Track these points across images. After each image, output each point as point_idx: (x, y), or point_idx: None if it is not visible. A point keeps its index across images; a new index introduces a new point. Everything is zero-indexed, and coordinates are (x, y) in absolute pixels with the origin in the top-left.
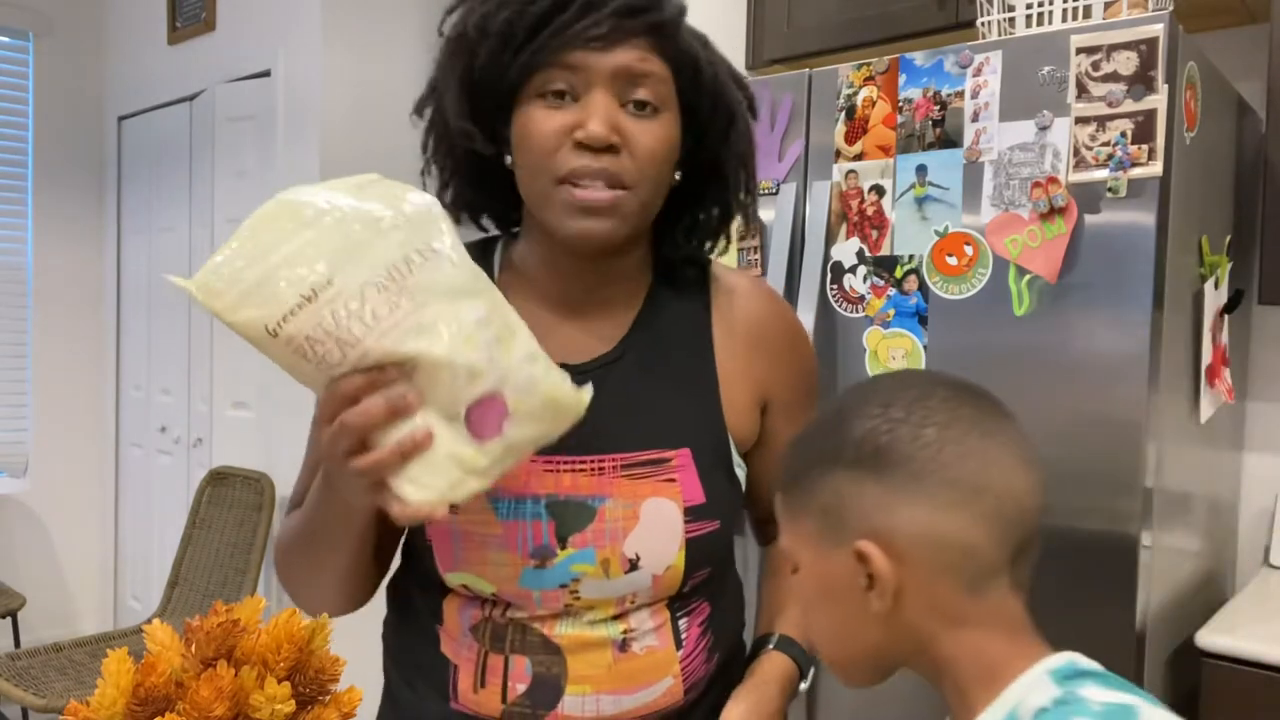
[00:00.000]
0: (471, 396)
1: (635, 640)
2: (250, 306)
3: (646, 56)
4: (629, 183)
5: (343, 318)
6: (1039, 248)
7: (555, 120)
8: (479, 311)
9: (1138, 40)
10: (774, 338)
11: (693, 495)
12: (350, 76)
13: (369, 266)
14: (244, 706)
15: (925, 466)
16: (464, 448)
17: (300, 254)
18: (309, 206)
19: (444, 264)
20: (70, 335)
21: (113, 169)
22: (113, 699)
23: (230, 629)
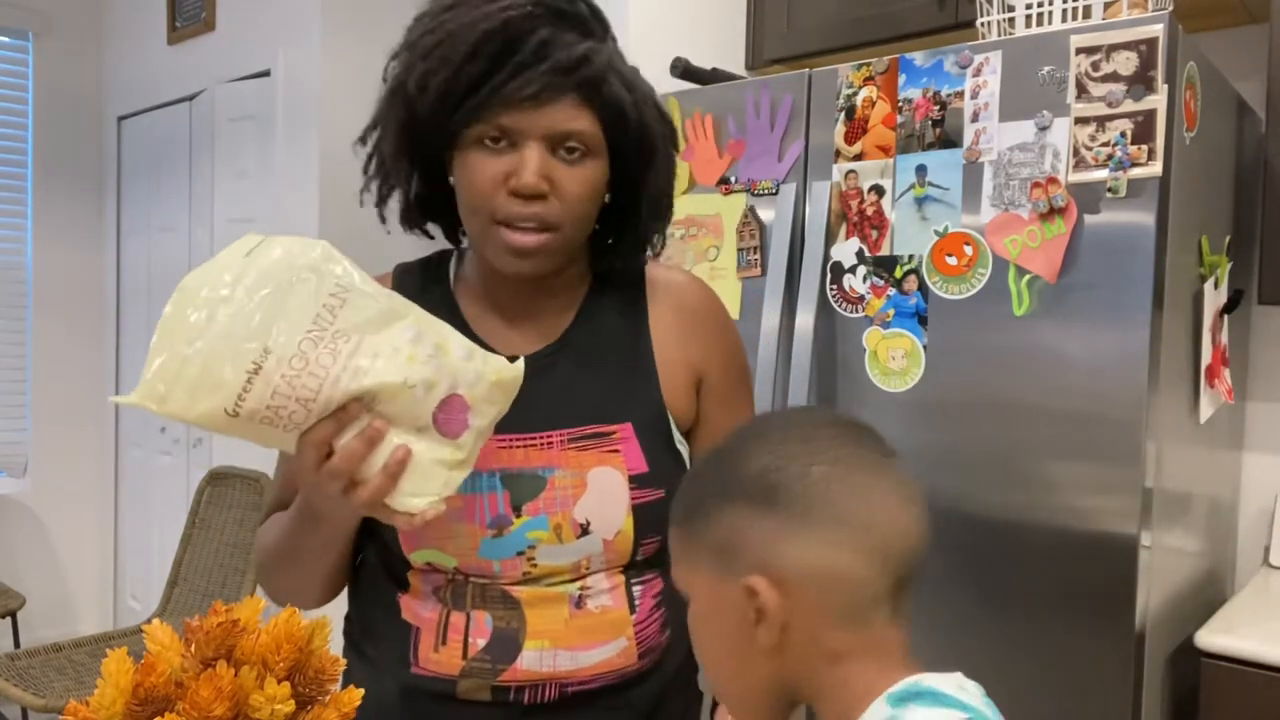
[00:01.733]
0: (433, 404)
1: (590, 598)
2: (203, 398)
3: (576, 113)
4: (556, 225)
5: (293, 378)
6: (1039, 248)
7: (492, 167)
8: (409, 331)
9: (1137, 40)
10: (705, 323)
11: (636, 465)
12: (350, 76)
13: (295, 324)
14: (244, 706)
15: (814, 504)
16: (442, 450)
17: (228, 334)
18: (212, 288)
19: (359, 298)
20: (70, 335)
21: (112, 169)
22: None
23: (230, 629)
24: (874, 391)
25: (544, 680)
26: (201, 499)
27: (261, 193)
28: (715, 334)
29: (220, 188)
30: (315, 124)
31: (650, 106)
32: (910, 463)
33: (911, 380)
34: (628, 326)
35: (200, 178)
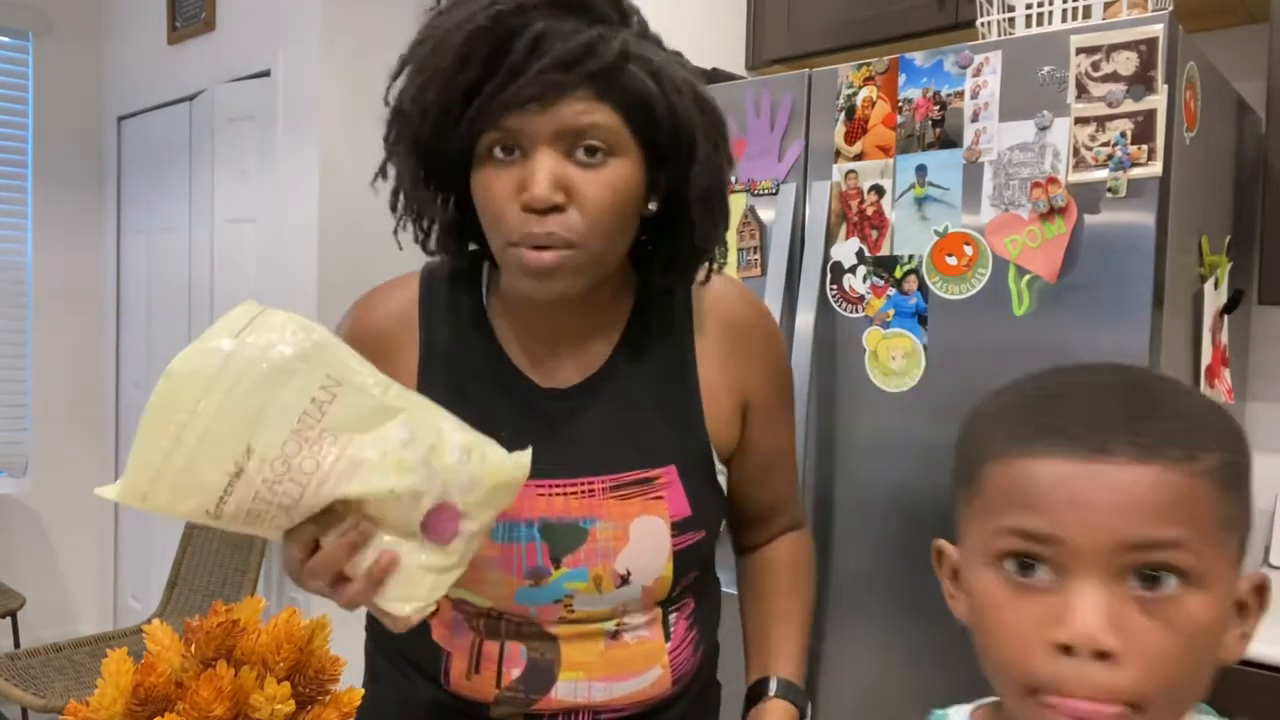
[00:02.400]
0: (421, 512)
1: (627, 631)
2: (184, 498)
3: (589, 108)
4: (576, 240)
5: (274, 484)
6: (1039, 248)
7: (503, 182)
8: (402, 431)
9: (1137, 40)
10: (751, 342)
11: (679, 510)
12: (350, 76)
13: (281, 421)
14: (244, 706)
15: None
16: (430, 556)
17: (211, 430)
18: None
19: (351, 394)
20: (70, 335)
21: (112, 169)
22: (112, 699)
23: (230, 629)
24: (874, 391)
25: (577, 709)
26: None
27: (261, 193)
28: (760, 352)
29: (220, 188)
30: (315, 124)
31: (686, 95)
32: (910, 463)
33: (911, 380)
34: (673, 353)
35: (200, 178)
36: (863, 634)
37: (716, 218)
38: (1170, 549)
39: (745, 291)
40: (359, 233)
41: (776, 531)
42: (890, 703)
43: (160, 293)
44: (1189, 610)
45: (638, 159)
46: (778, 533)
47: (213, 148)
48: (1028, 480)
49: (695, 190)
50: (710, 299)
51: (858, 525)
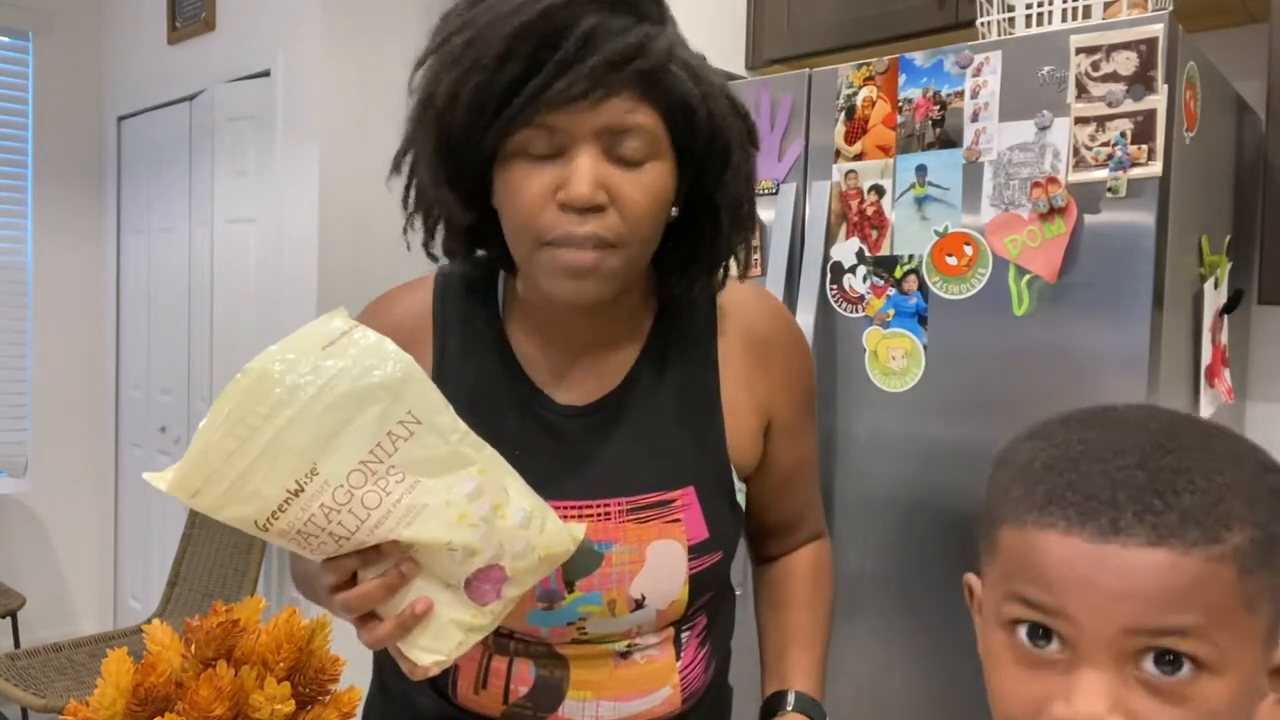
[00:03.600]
0: (470, 570)
1: (637, 651)
2: (235, 505)
3: (634, 107)
4: (616, 242)
5: (332, 511)
6: (1039, 248)
7: (538, 180)
8: (471, 483)
9: (1137, 40)
10: (778, 353)
11: (697, 533)
12: (350, 76)
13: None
14: (244, 706)
15: None
16: (465, 613)
17: (279, 443)
18: (279, 383)
19: (428, 434)
20: (70, 335)
21: (112, 169)
22: (112, 699)
23: (230, 629)
24: (874, 391)
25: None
26: None
27: (261, 193)
28: (785, 366)
29: (220, 188)
30: (315, 124)
31: (723, 99)
32: (910, 463)
33: (911, 380)
34: (696, 369)
35: (200, 178)
36: (862, 633)
37: (746, 223)
38: (1181, 637)
39: (771, 301)
40: (359, 233)
41: (798, 542)
42: (890, 702)
43: (160, 293)
44: (1203, 696)
45: (672, 163)
46: (799, 543)
47: (213, 148)
48: (1039, 553)
49: (728, 196)
50: (735, 310)
51: (857, 525)
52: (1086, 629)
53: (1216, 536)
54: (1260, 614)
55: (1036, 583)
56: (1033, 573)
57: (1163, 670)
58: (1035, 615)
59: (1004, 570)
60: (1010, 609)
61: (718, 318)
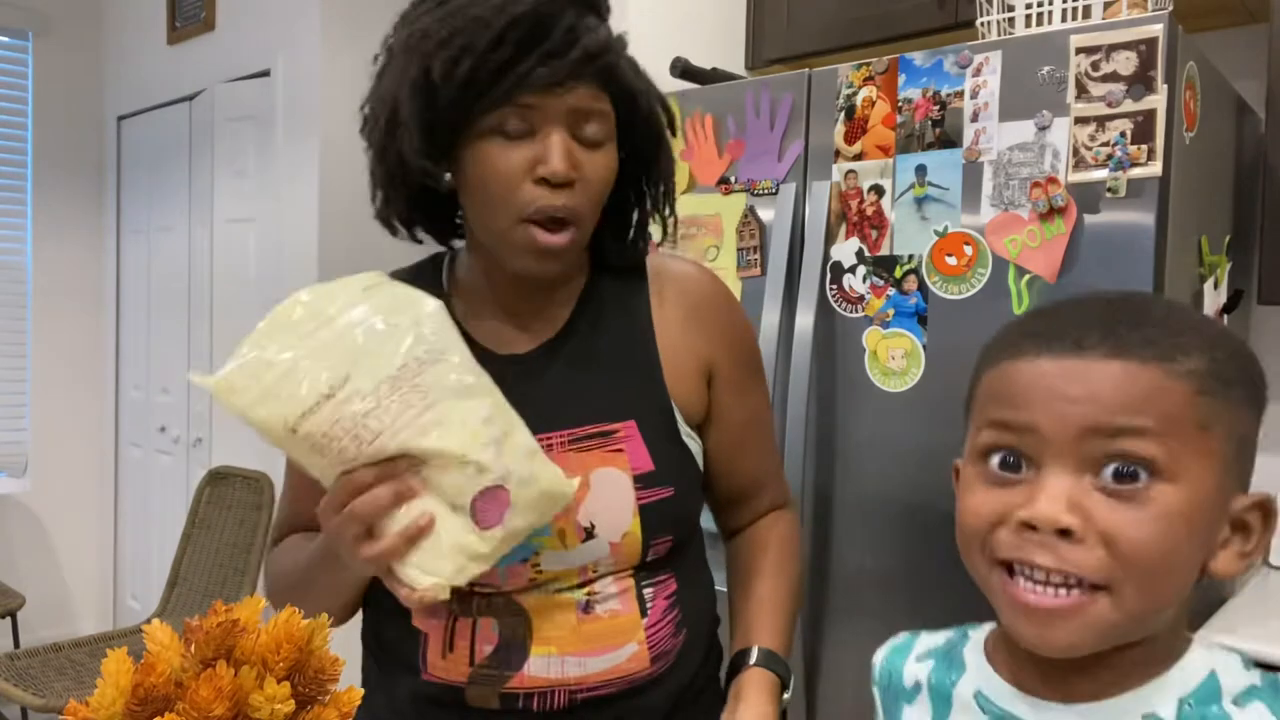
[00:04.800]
0: (477, 488)
1: (599, 603)
2: (270, 403)
3: (597, 95)
4: (579, 217)
5: (359, 415)
6: (1038, 248)
7: (514, 156)
8: (484, 410)
9: (1137, 40)
10: (711, 311)
11: (641, 463)
12: (350, 76)
13: (383, 365)
14: (244, 706)
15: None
16: (468, 536)
17: (318, 353)
18: (323, 310)
19: (450, 366)
20: (70, 335)
21: (112, 169)
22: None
23: (230, 629)
24: (874, 391)
25: (552, 687)
26: (201, 499)
27: (261, 193)
28: (722, 323)
29: (220, 187)
30: (315, 124)
31: (655, 94)
32: (910, 462)
33: (911, 380)
34: (629, 319)
35: (200, 177)
36: (862, 633)
37: (670, 198)
38: (1135, 437)
39: (705, 271)
40: (358, 233)
41: (760, 510)
42: None
43: (160, 293)
44: (1156, 498)
45: (616, 147)
46: (761, 512)
47: (212, 148)
48: (1010, 378)
49: (661, 172)
50: (668, 274)
51: (857, 525)
52: (1049, 435)
53: (1173, 357)
54: (1214, 437)
55: (1006, 402)
56: (1003, 396)
57: (1120, 481)
58: (1006, 437)
59: (980, 408)
60: (983, 437)
61: (649, 280)
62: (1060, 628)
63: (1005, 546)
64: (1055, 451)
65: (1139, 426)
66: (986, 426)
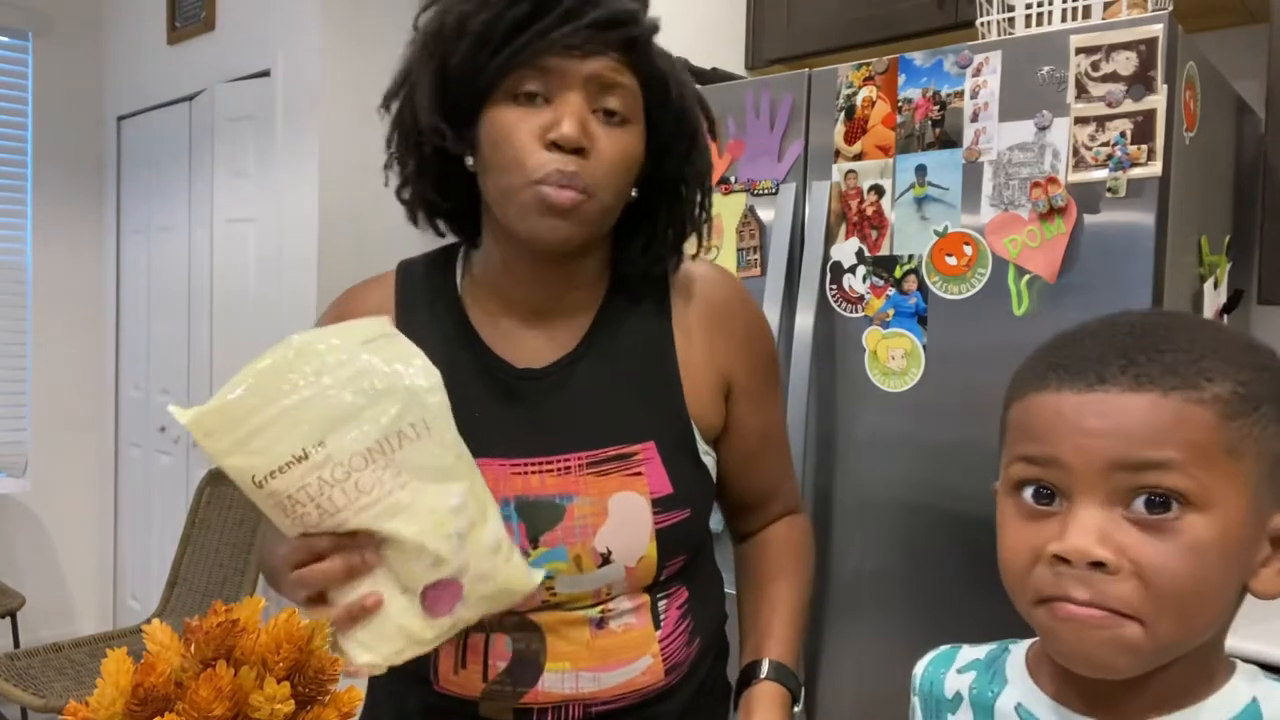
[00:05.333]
0: (431, 579)
1: (613, 618)
2: (242, 454)
3: (619, 68)
4: (591, 188)
5: (326, 484)
6: (1038, 248)
7: (529, 121)
8: (456, 497)
9: (1137, 40)
10: (732, 321)
11: (659, 486)
12: (350, 76)
13: (362, 435)
14: (243, 706)
15: None
16: (414, 620)
17: (299, 411)
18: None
19: (432, 443)
20: (70, 335)
21: (112, 169)
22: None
23: (229, 629)
24: (874, 391)
25: (567, 701)
26: (201, 499)
27: (261, 193)
28: (742, 331)
29: (220, 188)
30: (315, 124)
31: (691, 90)
32: (910, 463)
33: (911, 380)
34: (650, 330)
35: (200, 178)
36: (862, 633)
37: (706, 200)
38: (1162, 470)
39: (726, 275)
40: (359, 233)
41: (771, 517)
42: (889, 701)
43: (160, 293)
44: (1187, 529)
45: (643, 133)
46: (773, 518)
47: (212, 148)
48: (1035, 413)
49: (696, 171)
50: (690, 281)
51: (857, 525)
52: (1076, 470)
53: (1196, 384)
54: (1245, 460)
55: (1032, 437)
56: (1030, 431)
57: (1151, 511)
58: (1033, 471)
59: (1010, 441)
60: (1013, 471)
61: (671, 290)
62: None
63: (1044, 584)
64: (1084, 485)
65: (1165, 460)
66: (1016, 460)
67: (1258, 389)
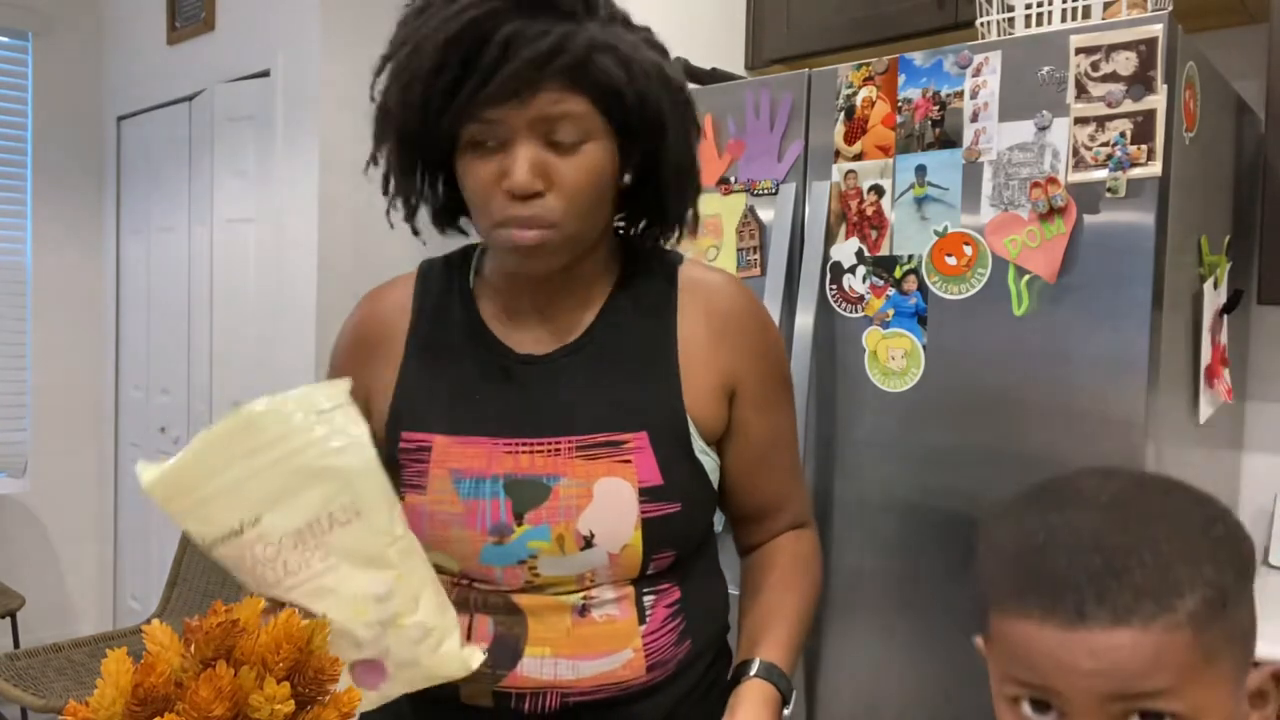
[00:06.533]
0: (354, 658)
1: (595, 608)
2: (193, 520)
3: (561, 98)
4: (555, 221)
5: (260, 560)
6: (1038, 248)
7: (485, 170)
8: (383, 586)
9: (1137, 40)
10: (742, 331)
11: (649, 476)
12: (350, 77)
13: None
14: (243, 706)
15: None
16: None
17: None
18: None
19: (362, 529)
20: (70, 335)
21: (112, 169)
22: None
23: (229, 629)
24: (873, 391)
25: (545, 688)
26: None
27: (261, 193)
28: (750, 340)
29: (220, 188)
30: (315, 124)
31: (654, 79)
32: (910, 463)
33: (911, 380)
34: (653, 327)
35: (200, 178)
36: (861, 633)
37: (687, 188)
38: (1156, 698)
39: (739, 285)
40: (359, 233)
41: (778, 529)
42: (888, 701)
43: (160, 293)
44: None
45: (610, 140)
46: (779, 530)
47: (212, 148)
48: (1021, 644)
49: (668, 166)
50: (698, 285)
51: (857, 525)
52: (1073, 702)
53: (1170, 606)
54: (1223, 660)
55: (1024, 667)
56: (1019, 660)
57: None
58: (1030, 692)
59: (998, 655)
60: (1009, 689)
61: (679, 291)
62: None
63: None
64: (1080, 711)
65: (1156, 689)
66: (1010, 681)
67: (1224, 580)
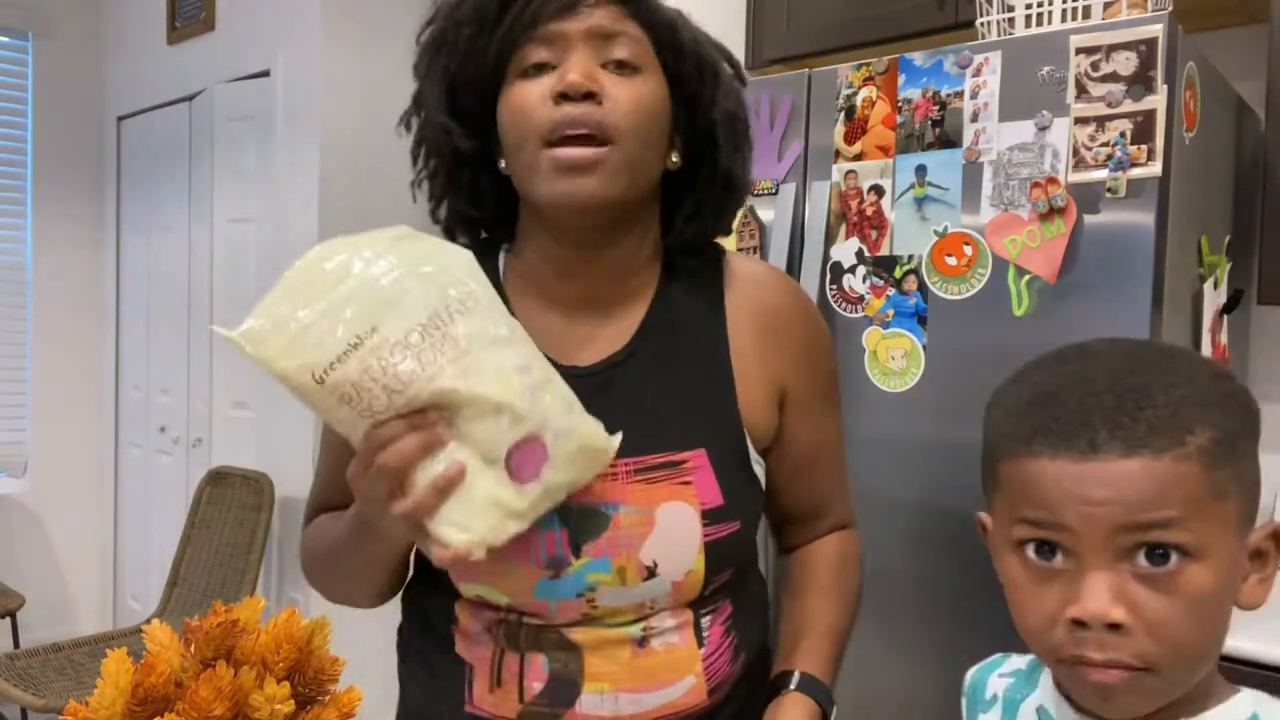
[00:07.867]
0: (513, 439)
1: (655, 637)
2: (296, 354)
3: (620, 18)
4: (611, 136)
5: (390, 362)
6: (1038, 248)
7: (538, 88)
8: (519, 359)
9: (1137, 40)
10: (792, 329)
11: (710, 497)
12: (350, 76)
13: (412, 313)
14: (243, 706)
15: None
16: (503, 490)
17: (344, 304)
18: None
19: (482, 315)
20: (70, 335)
21: (112, 169)
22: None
23: (229, 629)
24: (874, 391)
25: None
26: (201, 499)
27: (261, 193)
28: (800, 340)
29: (220, 188)
30: (315, 124)
31: (706, 37)
32: (910, 463)
33: (911, 380)
34: (705, 330)
35: (200, 178)
36: (860, 632)
37: (741, 141)
38: (1165, 528)
39: (786, 280)
40: (359, 232)
41: (822, 531)
42: (889, 701)
43: (160, 293)
44: (1190, 581)
45: (663, 85)
46: (823, 532)
47: (212, 148)
48: (1033, 479)
49: (721, 111)
50: (746, 281)
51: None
52: (1083, 535)
53: (1181, 440)
54: (1230, 501)
55: (1035, 504)
56: (1031, 496)
57: (1154, 563)
58: (1039, 533)
59: (1007, 500)
60: (1017, 531)
61: (726, 287)
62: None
63: (1062, 645)
64: (1090, 546)
65: (1165, 519)
66: (1018, 522)
67: (1232, 426)
